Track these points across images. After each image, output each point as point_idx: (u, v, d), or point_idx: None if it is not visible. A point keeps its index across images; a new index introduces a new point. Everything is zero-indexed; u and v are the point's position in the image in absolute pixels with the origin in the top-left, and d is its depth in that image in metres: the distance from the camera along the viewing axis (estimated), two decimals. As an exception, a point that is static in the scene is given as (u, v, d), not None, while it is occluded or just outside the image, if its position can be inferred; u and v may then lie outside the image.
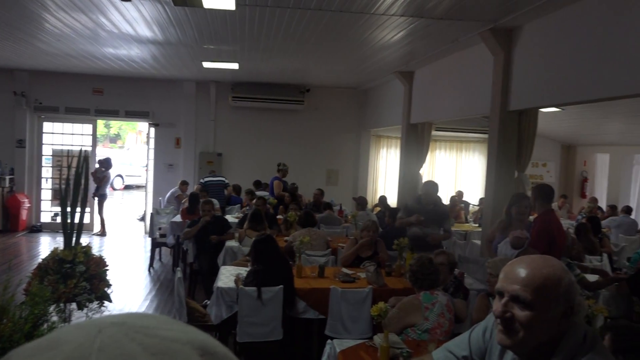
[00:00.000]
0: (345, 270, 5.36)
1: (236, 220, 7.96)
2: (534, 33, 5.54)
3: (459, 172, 13.17)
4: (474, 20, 5.72)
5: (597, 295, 5.03)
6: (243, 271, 5.05)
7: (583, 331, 1.52)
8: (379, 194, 11.80)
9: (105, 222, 11.51)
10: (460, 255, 6.40)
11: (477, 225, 9.26)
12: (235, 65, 9.24)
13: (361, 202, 9.29)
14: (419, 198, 6.10)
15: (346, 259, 5.67)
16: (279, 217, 8.38)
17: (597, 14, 4.55)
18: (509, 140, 6.05)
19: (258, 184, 10.57)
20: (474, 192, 12.22)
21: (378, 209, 10.17)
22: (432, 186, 6.12)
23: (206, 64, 9.19)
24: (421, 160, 9.46)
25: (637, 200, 12.43)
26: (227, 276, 5.10)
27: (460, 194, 11.26)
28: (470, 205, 11.23)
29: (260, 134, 12.21)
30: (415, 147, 9.33)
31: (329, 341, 3.59)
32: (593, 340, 1.51)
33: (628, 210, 9.59)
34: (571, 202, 12.69)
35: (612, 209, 9.95)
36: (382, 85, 11.03)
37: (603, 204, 11.75)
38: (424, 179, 9.04)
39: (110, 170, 11.52)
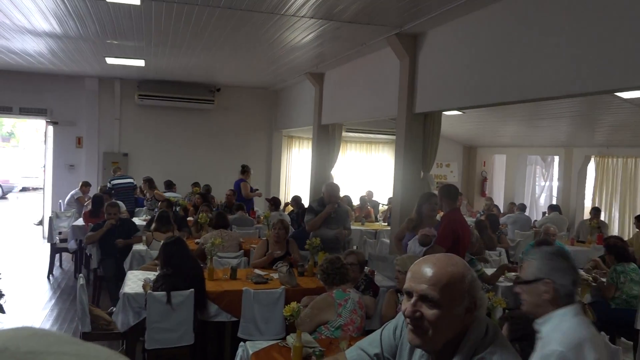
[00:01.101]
0: (257, 271, 5.33)
1: (144, 223, 7.67)
2: (437, 39, 5.81)
3: (368, 172, 13.51)
4: (380, 25, 5.89)
5: (496, 288, 5.36)
6: (152, 275, 4.88)
7: (485, 324, 1.60)
8: (292, 194, 11.85)
9: None
10: (370, 253, 6.58)
11: (386, 224, 9.55)
12: (141, 62, 8.89)
13: (274, 203, 9.28)
14: (322, 200, 6.18)
15: (259, 264, 5.63)
16: (189, 218, 8.18)
17: (498, 21, 4.84)
18: (415, 142, 6.29)
19: (169, 185, 10.25)
20: (384, 192, 12.59)
21: (290, 208, 10.21)
22: (334, 187, 6.23)
23: (110, 60, 8.77)
24: (333, 160, 9.61)
25: (530, 198, 13.43)
26: (135, 281, 4.91)
27: (370, 193, 11.55)
28: (380, 205, 11.56)
29: (169, 134, 11.84)
30: (326, 147, 9.46)
31: (241, 343, 3.55)
32: (494, 333, 1.59)
33: (522, 207, 10.31)
34: (472, 201, 13.44)
35: (512, 206, 10.63)
36: (293, 86, 11.09)
37: (501, 202, 12.56)
38: (335, 179, 9.18)
39: None
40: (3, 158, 21.56)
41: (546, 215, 10.34)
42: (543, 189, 13.89)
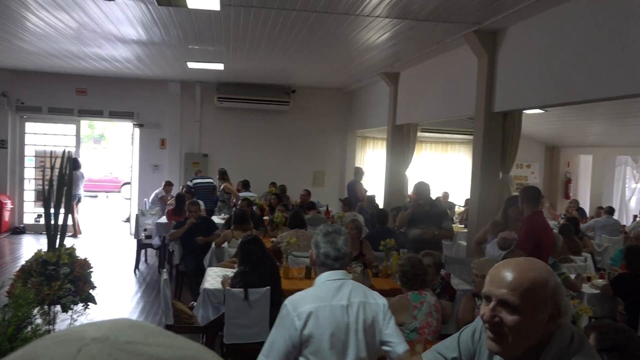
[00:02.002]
0: (332, 271, 5.36)
1: (222, 222, 7.92)
2: (518, 35, 5.60)
3: (444, 173, 13.24)
4: (458, 23, 5.76)
5: (581, 295, 5.09)
6: (230, 272, 5.03)
7: (570, 333, 1.52)
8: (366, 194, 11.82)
9: (79, 223, 11.35)
10: (446, 256, 6.43)
11: (462, 226, 9.32)
12: (220, 66, 9.20)
13: (348, 203, 9.30)
14: (414, 200, 6.14)
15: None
16: (265, 218, 8.36)
17: (581, 16, 4.61)
18: (494, 142, 6.10)
19: (246, 184, 10.54)
20: (460, 193, 12.29)
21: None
22: (424, 186, 6.13)
23: (191, 64, 9.14)
24: (407, 161, 9.50)
25: (619, 201, 12.63)
26: (214, 277, 5.08)
27: (445, 195, 11.32)
28: (456, 206, 11.30)
29: (246, 135, 12.17)
30: (401, 148, 9.37)
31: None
32: (580, 342, 1.51)
33: (610, 211, 9.73)
34: (555, 203, 12.84)
35: (600, 209, 10.06)
36: (368, 87, 11.06)
37: (587, 204, 11.91)
38: (410, 180, 9.08)
39: (81, 171, 11.29)
40: (95, 159, 22.98)
41: (637, 219, 9.69)
42: (634, 191, 13.03)
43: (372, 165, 12.91)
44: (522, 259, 1.60)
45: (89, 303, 3.97)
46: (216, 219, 8.21)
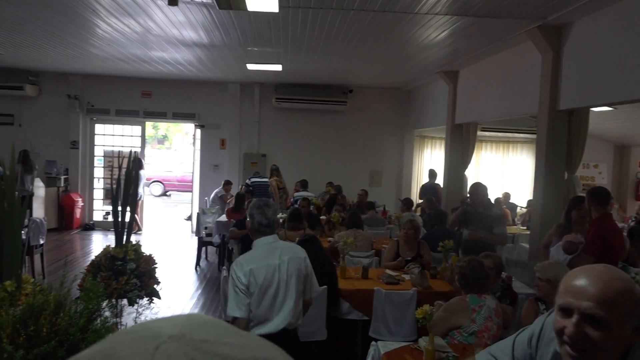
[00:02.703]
0: (389, 271, 5.33)
1: (280, 221, 8.02)
2: (585, 30, 5.37)
3: (505, 173, 12.88)
4: (521, 18, 5.59)
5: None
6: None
7: None
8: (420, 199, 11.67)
9: (138, 220, 11.75)
10: (507, 258, 6.26)
11: (525, 227, 9.04)
12: (278, 67, 9.33)
13: (407, 203, 9.22)
14: (462, 200, 6.03)
15: (390, 266, 5.61)
16: (321, 217, 8.41)
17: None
18: (559, 141, 5.87)
19: (304, 184, 10.64)
20: (522, 194, 11.92)
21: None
22: (479, 188, 5.98)
23: (250, 66, 9.31)
24: (466, 161, 9.30)
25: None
26: (272, 276, 5.15)
27: (506, 195, 11.00)
28: (518, 208, 10.97)
29: (303, 135, 12.28)
30: (460, 147, 9.19)
31: (373, 343, 3.58)
32: None
33: (686, 213, 9.16)
34: (625, 205, 12.22)
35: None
36: (426, 85, 10.92)
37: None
38: (470, 180, 8.88)
39: (143, 171, 11.67)
40: (159, 159, 23.82)
41: None
42: None
43: (430, 164, 12.72)
44: (601, 267, 1.47)
45: (153, 298, 4.12)
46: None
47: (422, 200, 9.84)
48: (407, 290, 4.71)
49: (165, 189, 21.32)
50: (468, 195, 5.97)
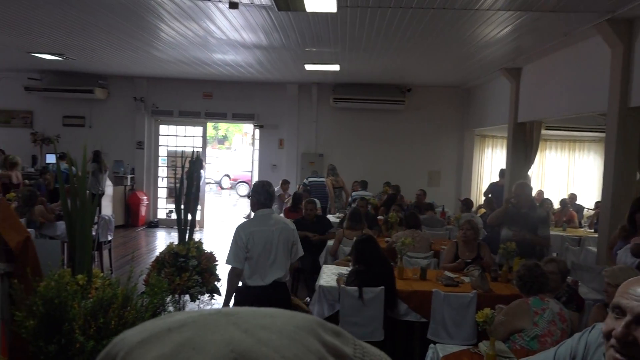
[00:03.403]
0: (448, 273, 5.24)
1: (337, 220, 8.05)
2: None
3: (571, 173, 12.37)
4: (589, 12, 5.35)
5: None
6: (345, 271, 5.10)
7: None
8: (484, 195, 11.39)
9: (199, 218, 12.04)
10: (573, 262, 6.02)
11: (592, 230, 8.66)
12: (336, 67, 9.35)
13: (466, 204, 9.03)
14: (506, 199, 5.86)
15: (449, 268, 5.51)
16: (379, 217, 8.37)
17: None
18: (630, 140, 5.58)
19: (363, 184, 10.62)
20: (589, 195, 11.42)
21: (483, 210, 9.82)
22: (527, 188, 5.78)
23: (308, 67, 9.38)
24: (530, 161, 9.01)
25: None
26: (329, 275, 5.18)
27: (572, 197, 10.56)
28: (585, 209, 10.51)
29: (361, 135, 12.26)
30: (522, 147, 8.90)
31: (431, 345, 3.53)
32: None
33: None
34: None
35: None
36: (487, 83, 10.64)
37: None
38: (533, 181, 8.59)
39: (202, 171, 11.95)
40: (219, 159, 24.43)
41: None
42: None
43: (491, 164, 12.41)
44: None
45: (214, 294, 4.23)
46: (331, 218, 8.35)
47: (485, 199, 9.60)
48: (467, 293, 4.61)
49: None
50: (512, 195, 5.76)
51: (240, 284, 3.99)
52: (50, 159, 11.82)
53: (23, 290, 2.51)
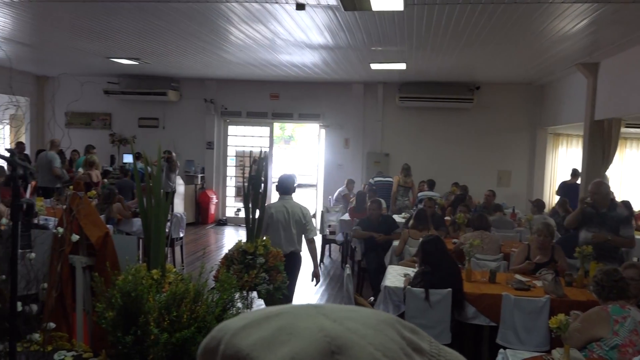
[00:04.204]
0: (518, 277, 5.06)
1: (403, 220, 7.97)
2: None
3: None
4: (676, 1, 5.02)
5: None
6: (410, 271, 5.04)
7: None
8: (557, 197, 10.91)
9: None
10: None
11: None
12: (402, 66, 9.25)
13: (538, 205, 8.69)
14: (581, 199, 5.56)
15: (519, 270, 5.33)
16: (446, 218, 8.21)
17: None
18: None
19: (431, 184, 10.45)
20: (674, 197, 10.70)
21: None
22: (603, 187, 5.47)
23: (374, 66, 9.34)
24: (608, 160, 8.55)
25: None
26: (394, 275, 5.14)
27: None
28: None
29: (427, 134, 12.07)
30: (600, 146, 8.46)
31: (501, 350, 3.43)
32: None
33: None
34: None
35: None
36: (561, 79, 10.19)
37: None
38: (611, 182, 8.15)
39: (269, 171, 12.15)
40: (285, 158, 24.76)
41: None
42: None
43: (565, 164, 11.87)
44: None
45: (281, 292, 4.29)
46: (397, 218, 8.28)
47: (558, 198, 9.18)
48: (539, 298, 4.44)
49: None
50: (588, 195, 5.47)
51: None
52: (127, 158, 12.42)
53: (103, 283, 2.66)
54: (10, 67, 9.43)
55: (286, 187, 5.31)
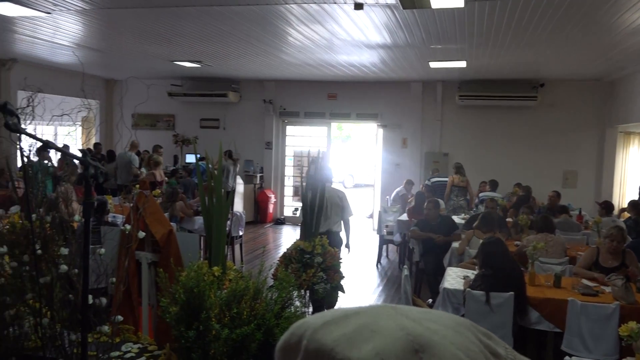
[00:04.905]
0: (585, 281, 4.85)
1: (463, 222, 7.81)
2: None
3: None
4: None
5: None
6: (470, 274, 4.94)
7: None
8: (627, 198, 10.38)
9: None
10: None
11: None
12: (462, 64, 9.06)
13: (606, 207, 8.30)
14: None
15: (587, 275, 5.08)
16: (508, 219, 7.97)
17: None
18: None
19: (494, 184, 10.19)
20: None
21: (626, 215, 8.96)
22: None
23: (433, 64, 9.19)
24: (685, 159, 8.05)
25: None
26: (454, 277, 5.04)
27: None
28: None
29: (488, 133, 11.77)
30: (676, 144, 7.98)
31: (566, 358, 3.31)
32: None
33: None
34: None
35: None
36: (633, 75, 9.68)
37: None
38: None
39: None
40: (343, 158, 24.77)
41: None
42: None
43: (637, 164, 11.28)
44: None
45: (338, 291, 4.31)
46: (456, 219, 8.12)
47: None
48: (608, 304, 4.24)
49: None
50: None
51: None
52: (190, 158, 12.80)
53: (167, 279, 2.75)
54: (82, 72, 9.92)
55: (329, 179, 6.20)
